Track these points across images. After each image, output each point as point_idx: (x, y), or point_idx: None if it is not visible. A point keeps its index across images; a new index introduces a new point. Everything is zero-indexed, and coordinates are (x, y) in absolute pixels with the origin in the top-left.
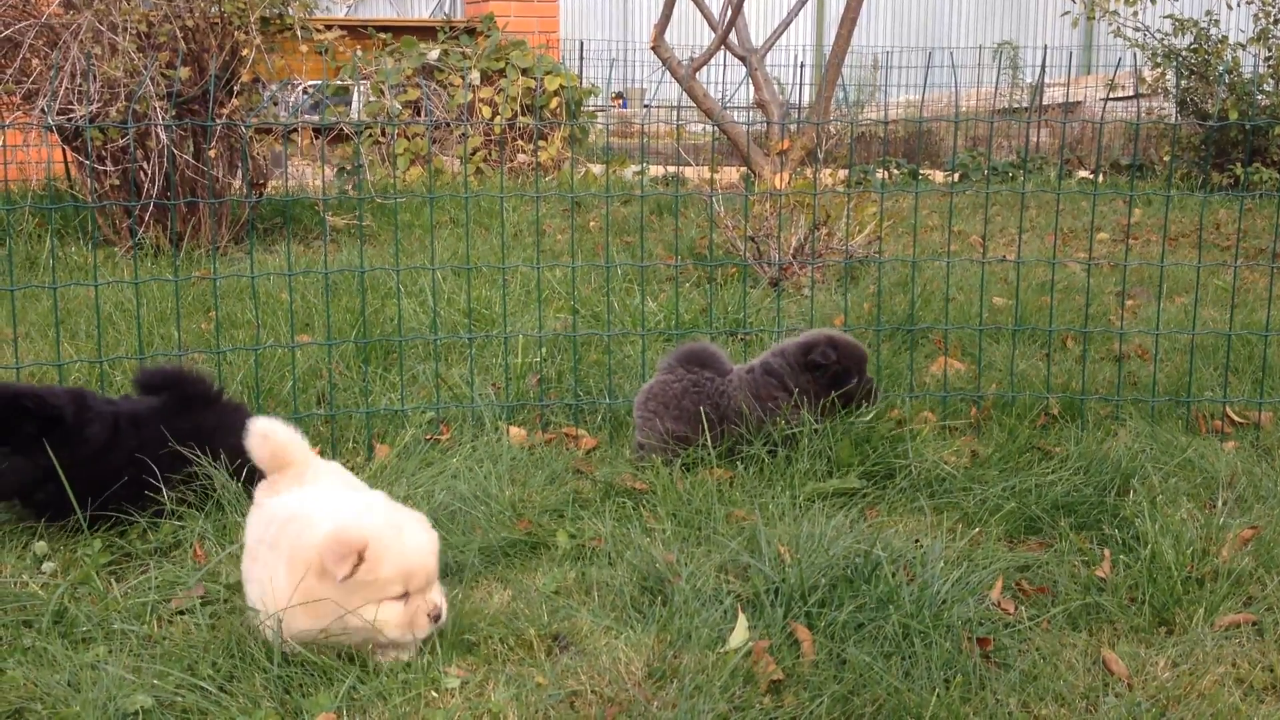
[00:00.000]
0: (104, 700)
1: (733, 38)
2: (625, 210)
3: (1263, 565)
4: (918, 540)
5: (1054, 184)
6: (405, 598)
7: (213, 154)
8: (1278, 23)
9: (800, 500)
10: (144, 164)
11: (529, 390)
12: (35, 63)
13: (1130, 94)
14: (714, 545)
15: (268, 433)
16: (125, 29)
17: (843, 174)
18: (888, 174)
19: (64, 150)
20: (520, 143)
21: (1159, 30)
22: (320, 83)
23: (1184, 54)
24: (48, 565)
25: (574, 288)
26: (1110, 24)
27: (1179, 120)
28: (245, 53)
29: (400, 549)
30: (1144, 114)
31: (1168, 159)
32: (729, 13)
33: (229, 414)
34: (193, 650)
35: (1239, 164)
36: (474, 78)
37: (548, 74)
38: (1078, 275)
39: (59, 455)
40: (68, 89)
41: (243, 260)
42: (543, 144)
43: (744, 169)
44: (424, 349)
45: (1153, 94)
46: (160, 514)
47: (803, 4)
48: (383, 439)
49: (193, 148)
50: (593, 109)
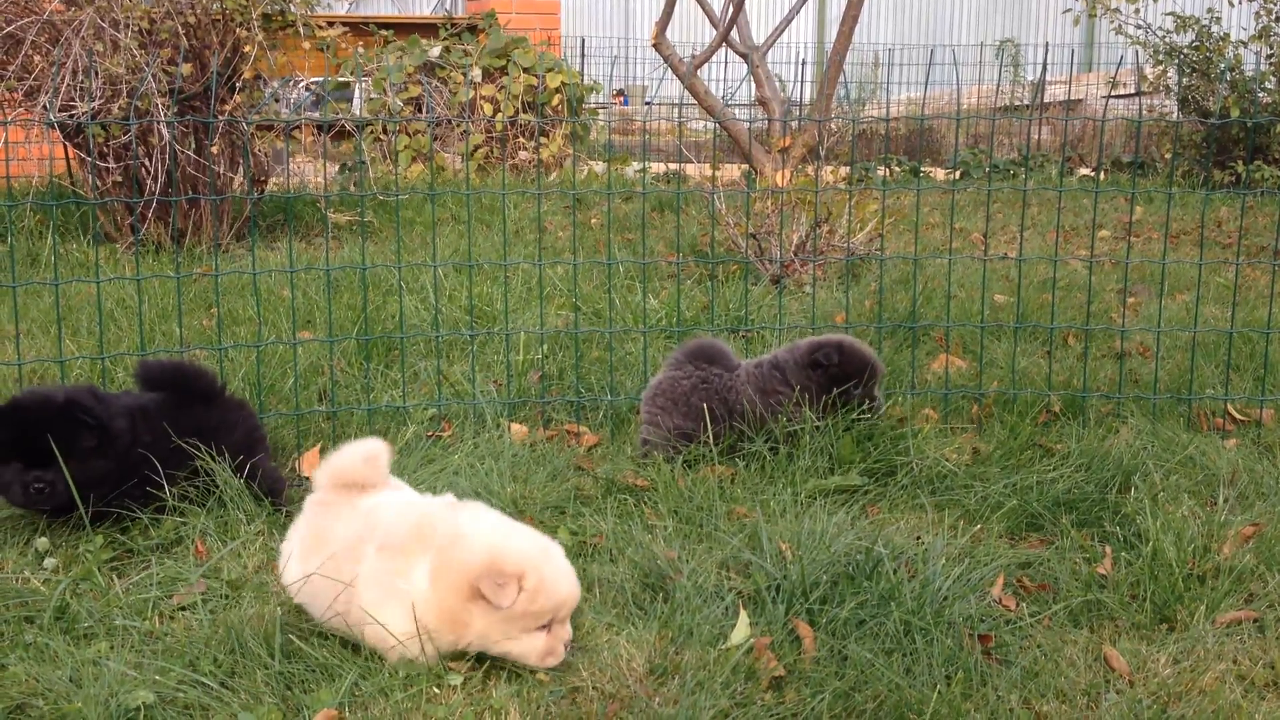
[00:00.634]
0: (105, 696)
1: (734, 35)
2: (627, 207)
3: (1264, 562)
4: (919, 537)
5: (1055, 181)
6: (548, 626)
7: (214, 151)
8: (1279, 20)
9: (802, 497)
10: (146, 161)
11: (530, 387)
12: (37, 59)
13: (1132, 92)
14: (715, 542)
15: (378, 455)
16: (127, 26)
17: (844, 171)
18: (889, 171)
19: (65, 147)
20: (522, 140)
21: (1160, 28)
22: (322, 79)
23: (1185, 51)
24: (49, 561)
25: (575, 285)
26: (1112, 21)
27: (1180, 118)
28: (247, 49)
29: (555, 579)
30: (1145, 112)
31: (1169, 157)
32: (730, 10)
33: (231, 411)
34: (194, 646)
35: (1240, 162)
36: (475, 75)
37: (549, 71)
38: (1079, 273)
39: (99, 459)
40: (69, 86)
41: (244, 257)
42: (544, 141)
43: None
44: (425, 346)
45: (1154, 92)
46: (161, 510)
47: (804, 1)
48: (384, 436)
49: (194, 144)
50: (594, 106)
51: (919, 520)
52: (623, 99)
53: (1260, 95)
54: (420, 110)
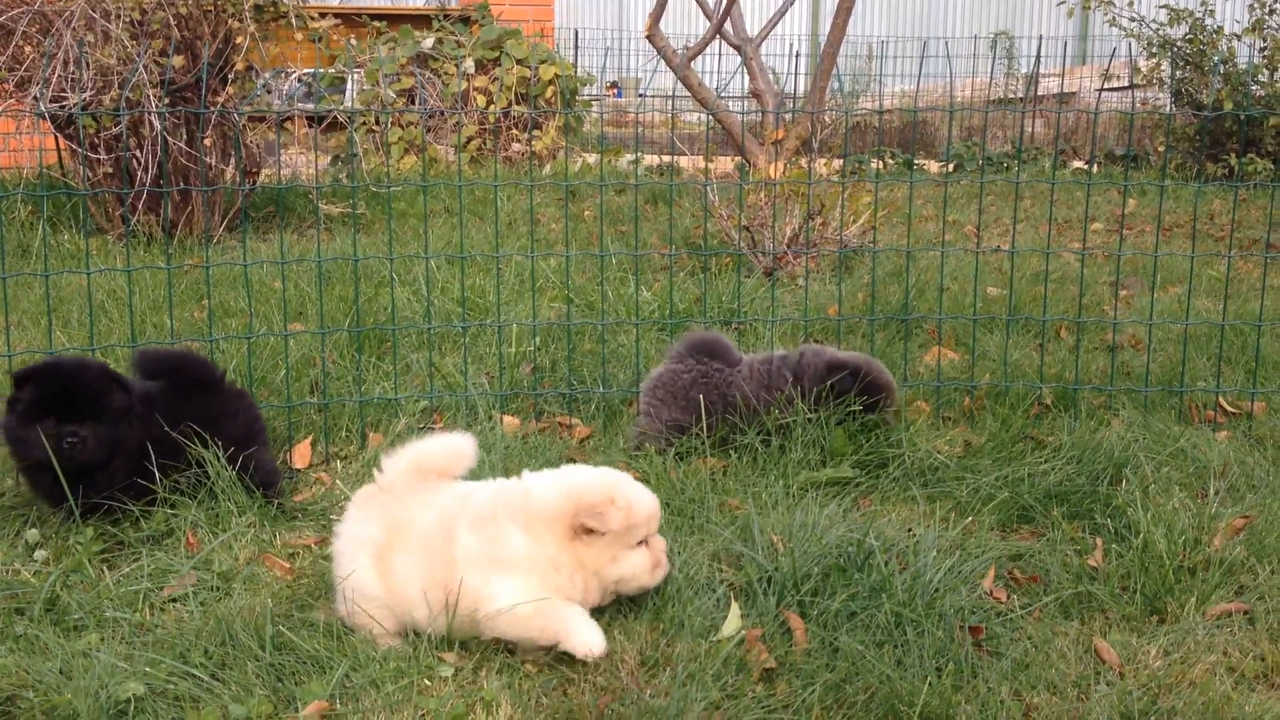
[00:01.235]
0: (96, 688)
1: (728, 27)
2: (620, 199)
3: (1254, 554)
4: (910, 529)
5: (1048, 174)
6: (644, 543)
7: (206, 142)
8: (1273, 13)
9: (793, 489)
10: (137, 152)
11: (523, 379)
12: (28, 50)
13: (1125, 84)
14: (707, 534)
15: (465, 451)
16: (118, 16)
17: (837, 164)
18: (882, 164)
19: (57, 138)
20: (515, 132)
21: (1154, 20)
22: (314, 71)
23: (1179, 44)
24: (40, 553)
25: (568, 277)
26: (1106, 14)
27: (1174, 111)
28: (239, 40)
29: (637, 494)
30: (1139, 104)
31: (1162, 149)
32: (724, 2)
33: (231, 400)
34: (185, 638)
35: (1233, 154)
36: (468, 66)
37: (542, 63)
38: (1072, 265)
39: (128, 422)
40: (61, 76)
41: (236, 248)
42: (537, 133)
43: (739, 158)
44: (418, 338)
45: (1148, 84)
46: (154, 502)
47: None
48: (376, 428)
49: (186, 135)
50: (588, 98)
51: (910, 512)
52: (616, 91)
53: (1253, 88)
54: (413, 102)
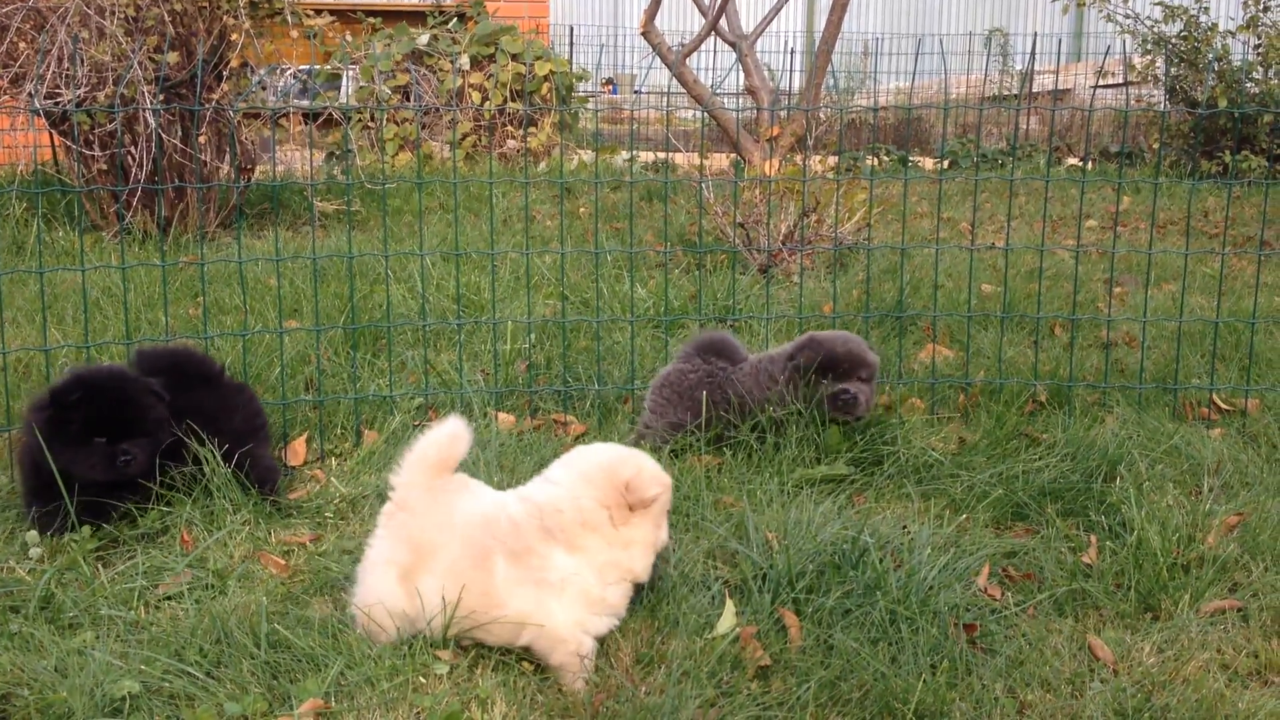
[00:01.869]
0: (91, 685)
1: (723, 24)
2: (615, 196)
3: (1248, 551)
4: (905, 526)
5: (1043, 171)
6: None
7: (201, 139)
8: (1267, 10)
9: (788, 486)
10: (131, 149)
11: (518, 376)
12: (22, 46)
13: (1120, 82)
14: (702, 531)
15: (461, 434)
16: (113, 13)
17: (832, 160)
18: (877, 161)
19: (51, 134)
20: (510, 128)
21: (1149, 17)
22: (309, 67)
23: (1173, 41)
24: (34, 551)
25: (563, 274)
26: (1100, 10)
27: (1168, 108)
28: (234, 37)
29: (652, 465)
30: (1133, 101)
31: (1157, 146)
32: None
33: (231, 394)
34: (180, 636)
35: (1227, 151)
36: (463, 63)
37: (538, 59)
38: (1066, 262)
39: (167, 430)
40: (55, 73)
41: (231, 245)
42: (532, 130)
43: (734, 155)
44: (413, 335)
45: (1142, 81)
46: (148, 499)
47: None
48: (371, 425)
49: (180, 132)
50: (583, 95)
51: (905, 509)
52: (611, 87)
53: (1247, 85)
54: (408, 98)
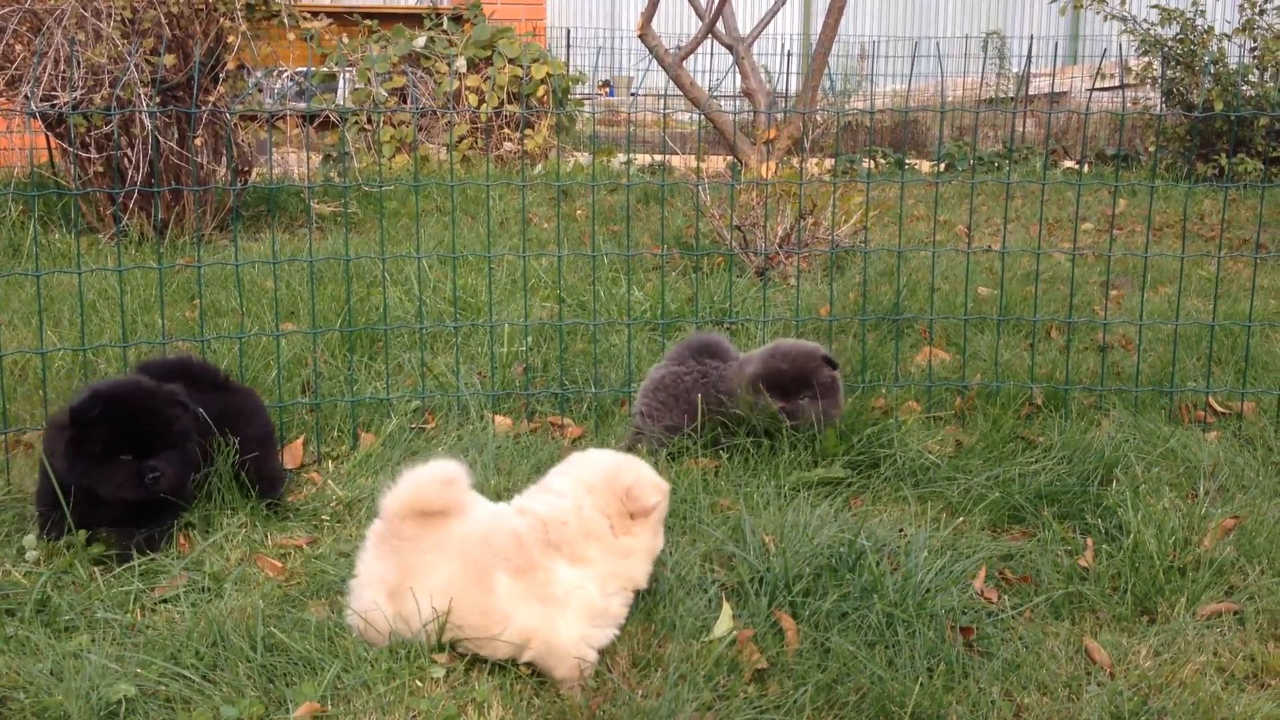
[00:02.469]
0: (87, 689)
1: (720, 26)
2: (612, 199)
3: (1244, 555)
4: (902, 529)
5: (1039, 174)
6: None
7: (197, 141)
8: (1263, 13)
9: (785, 489)
10: (128, 151)
11: (515, 379)
12: (19, 48)
13: (1116, 84)
14: (699, 534)
15: (456, 478)
16: (109, 15)
17: (829, 163)
18: (874, 163)
19: (47, 137)
20: (507, 131)
21: (1145, 20)
22: (306, 69)
23: (1170, 44)
24: (31, 554)
25: (560, 276)
26: (1098, 11)
27: (1164, 111)
28: (230, 39)
29: (648, 471)
30: (1130, 104)
31: (1153, 149)
32: (716, 1)
33: (239, 399)
34: (176, 639)
35: (1224, 154)
36: (460, 65)
37: (534, 62)
38: (1062, 265)
39: (193, 442)
40: (51, 75)
41: (227, 248)
42: (529, 132)
43: (730, 158)
44: (409, 337)
45: (1139, 84)
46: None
47: None
48: (368, 428)
49: (177, 135)
50: (579, 97)
51: (902, 512)
52: (608, 90)
53: (1243, 88)
54: (405, 101)
